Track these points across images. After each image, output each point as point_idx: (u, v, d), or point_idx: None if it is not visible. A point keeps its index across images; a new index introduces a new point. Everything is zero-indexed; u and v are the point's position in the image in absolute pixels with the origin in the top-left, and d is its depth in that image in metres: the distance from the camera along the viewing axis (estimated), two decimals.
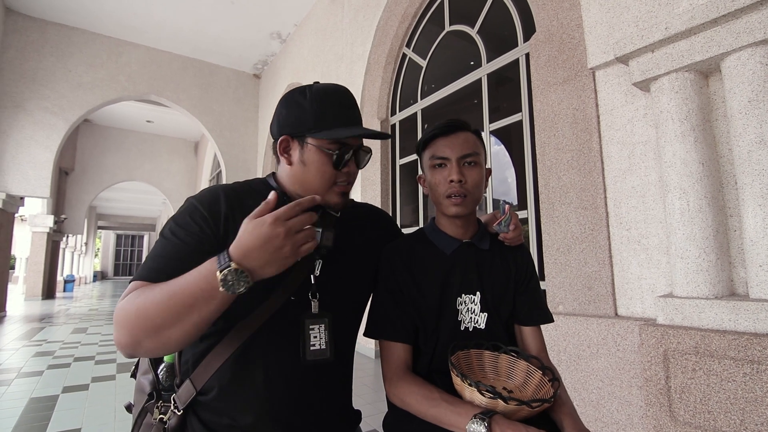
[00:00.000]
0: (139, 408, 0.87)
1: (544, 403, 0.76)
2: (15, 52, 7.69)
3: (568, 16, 2.87)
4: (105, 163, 13.74)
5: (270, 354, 0.82)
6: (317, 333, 0.83)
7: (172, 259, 0.74)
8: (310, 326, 0.83)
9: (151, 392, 0.87)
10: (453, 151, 0.98)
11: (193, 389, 0.81)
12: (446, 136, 1.01)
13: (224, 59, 9.61)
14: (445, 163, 0.99)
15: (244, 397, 0.81)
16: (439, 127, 1.02)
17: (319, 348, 0.82)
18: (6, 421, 3.00)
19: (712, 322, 1.94)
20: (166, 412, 0.82)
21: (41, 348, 5.63)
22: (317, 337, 0.83)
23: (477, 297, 1.01)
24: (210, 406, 0.82)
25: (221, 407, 0.81)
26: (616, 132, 2.58)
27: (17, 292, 16.90)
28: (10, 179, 7.54)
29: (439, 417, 0.80)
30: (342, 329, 0.90)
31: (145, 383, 0.88)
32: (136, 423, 0.86)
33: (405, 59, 5.38)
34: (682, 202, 2.09)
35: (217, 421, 0.81)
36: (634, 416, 2.30)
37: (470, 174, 0.98)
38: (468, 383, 0.78)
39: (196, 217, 0.80)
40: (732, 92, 1.97)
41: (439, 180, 1.00)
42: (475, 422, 0.73)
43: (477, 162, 1.00)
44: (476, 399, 0.78)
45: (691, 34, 2.09)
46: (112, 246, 31.34)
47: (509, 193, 3.98)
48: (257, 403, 0.81)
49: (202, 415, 0.82)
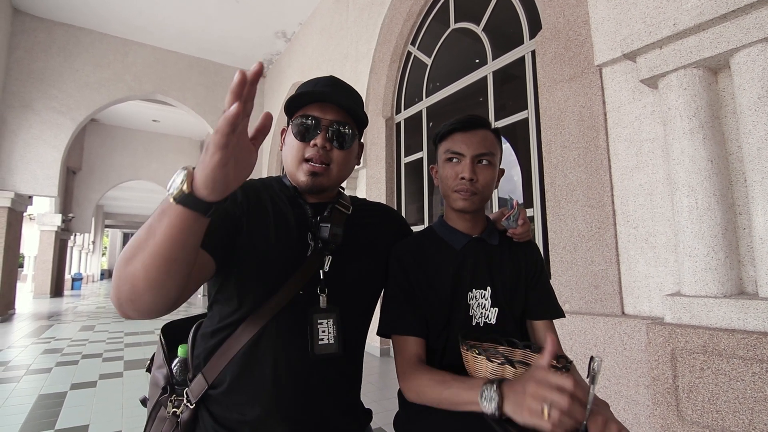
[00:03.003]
0: (153, 402, 0.88)
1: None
2: (23, 53, 7.77)
3: (574, 12, 2.85)
4: (112, 163, 13.84)
5: (279, 348, 0.82)
6: (325, 327, 0.83)
7: None
8: (319, 321, 0.83)
9: (165, 386, 0.87)
10: (469, 148, 0.97)
11: (205, 383, 0.82)
12: (465, 131, 0.99)
13: (229, 58, 9.64)
14: (459, 158, 0.98)
15: (253, 390, 0.81)
16: (459, 121, 1.00)
17: (327, 342, 0.83)
18: (15, 417, 3.03)
19: (720, 320, 1.92)
20: (179, 405, 0.83)
21: (50, 345, 5.69)
22: (325, 332, 0.83)
23: (488, 292, 1.00)
24: (220, 400, 0.82)
25: (231, 401, 0.82)
26: (623, 129, 2.56)
27: (26, 290, 17.07)
28: (19, 178, 7.61)
29: (453, 396, 0.79)
30: (351, 325, 0.89)
31: (160, 377, 0.89)
32: (151, 416, 0.87)
33: (410, 57, 5.37)
34: (690, 200, 2.07)
35: (227, 416, 0.81)
36: (641, 415, 2.28)
37: (482, 173, 0.98)
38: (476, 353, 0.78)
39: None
40: (741, 88, 1.95)
41: (450, 174, 0.99)
42: (486, 388, 0.72)
43: (491, 162, 0.99)
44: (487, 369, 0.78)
45: (699, 30, 2.07)
46: (119, 244, 31.61)
47: (515, 191, 3.97)
48: (266, 397, 0.81)
49: (213, 410, 0.83)
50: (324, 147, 0.86)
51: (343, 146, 0.88)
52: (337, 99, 0.86)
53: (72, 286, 16.63)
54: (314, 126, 0.86)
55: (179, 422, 0.82)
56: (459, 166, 0.98)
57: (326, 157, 0.86)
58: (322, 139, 0.85)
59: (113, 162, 13.86)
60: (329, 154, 0.87)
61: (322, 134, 0.85)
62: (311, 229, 0.89)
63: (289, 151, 0.89)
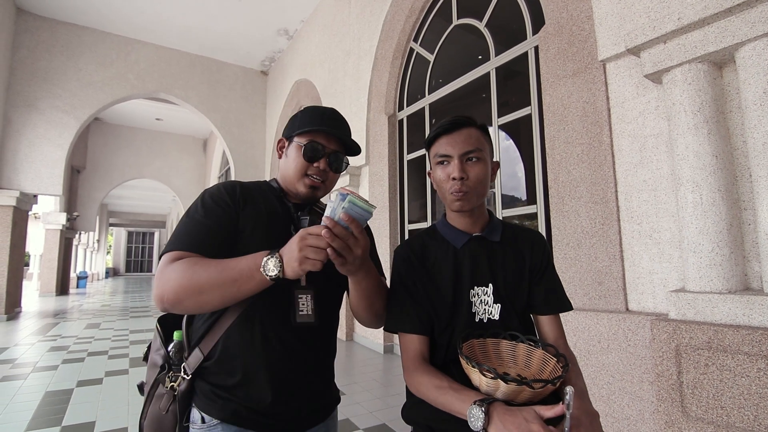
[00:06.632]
0: (151, 381, 1.00)
1: (547, 384, 0.77)
2: (26, 52, 7.80)
3: (578, 7, 2.83)
4: (115, 161, 13.90)
5: (266, 318, 0.97)
6: (305, 301, 1.00)
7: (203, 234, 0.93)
8: (299, 295, 1.00)
9: (162, 364, 1.00)
10: (455, 148, 1.01)
11: (201, 355, 0.96)
12: (449, 133, 1.03)
13: (232, 56, 9.64)
14: (447, 160, 1.02)
15: (246, 355, 0.95)
16: (442, 125, 1.04)
17: (306, 313, 0.99)
18: (23, 414, 3.07)
19: (725, 317, 1.91)
20: (176, 380, 0.97)
21: (56, 343, 5.74)
22: (305, 305, 1.00)
23: (489, 289, 1.03)
24: (214, 370, 0.96)
25: (224, 368, 0.95)
26: (627, 125, 2.55)
27: (32, 288, 17.20)
28: (24, 177, 7.66)
29: (446, 404, 0.85)
30: (325, 300, 1.06)
31: (158, 358, 1.02)
32: (149, 395, 0.99)
33: (412, 54, 5.35)
34: (694, 196, 2.06)
35: (221, 383, 0.95)
36: (645, 411, 2.28)
37: (472, 170, 1.00)
38: (471, 365, 0.81)
39: (218, 201, 0.99)
40: (747, 83, 1.94)
41: (442, 176, 1.03)
42: (474, 407, 0.77)
43: (480, 158, 1.01)
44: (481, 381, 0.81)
45: (704, 24, 2.05)
46: (124, 243, 31.73)
47: (518, 188, 3.95)
48: (256, 359, 0.95)
49: (208, 379, 0.96)
50: (324, 170, 1.06)
51: (337, 170, 1.10)
52: (340, 133, 1.06)
53: (77, 284, 16.72)
54: (319, 151, 1.05)
55: (176, 395, 0.95)
56: (449, 168, 1.02)
57: (324, 176, 1.07)
58: (324, 164, 1.06)
59: (117, 161, 13.92)
60: (326, 174, 1.07)
61: (324, 159, 1.06)
62: (294, 222, 1.07)
63: (293, 165, 1.06)
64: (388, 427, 2.79)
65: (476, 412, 0.76)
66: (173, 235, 0.94)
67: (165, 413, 0.95)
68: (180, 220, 0.98)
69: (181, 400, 0.95)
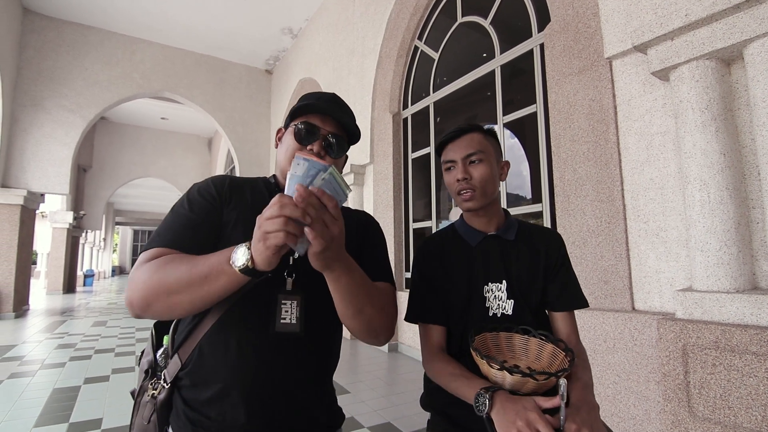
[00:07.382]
0: (138, 389, 0.94)
1: (550, 377, 0.81)
2: (33, 52, 7.85)
3: (584, 4, 2.81)
4: (121, 160, 13.99)
5: (243, 326, 0.87)
6: (289, 308, 0.88)
7: (185, 228, 0.86)
8: (283, 301, 0.88)
9: (147, 369, 0.94)
10: (458, 153, 1.09)
11: (179, 362, 0.88)
12: (453, 141, 1.12)
13: (236, 55, 9.66)
14: (453, 165, 1.11)
15: (219, 365, 0.85)
16: (447, 134, 1.13)
17: (289, 322, 0.88)
18: (31, 411, 3.09)
19: (733, 316, 1.89)
20: (157, 387, 0.89)
21: (63, 340, 5.79)
22: (288, 312, 0.88)
23: (503, 285, 1.09)
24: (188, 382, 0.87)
25: (197, 379, 0.86)
26: (633, 123, 2.53)
27: (39, 286, 17.36)
28: (31, 176, 7.72)
29: (458, 389, 0.94)
30: (315, 309, 0.92)
31: (145, 363, 0.96)
32: (136, 402, 0.92)
33: (417, 52, 5.34)
34: (702, 194, 2.04)
35: (196, 397, 0.86)
36: (652, 411, 2.27)
37: (475, 170, 1.08)
38: (480, 357, 0.87)
39: (205, 194, 0.92)
40: (755, 80, 1.91)
41: (451, 181, 1.12)
42: (480, 394, 0.85)
43: (482, 159, 1.08)
44: (489, 372, 0.88)
45: (712, 21, 2.03)
46: (130, 241, 31.96)
47: (524, 187, 3.94)
48: (229, 372, 0.85)
49: (184, 394, 0.88)
50: (319, 153, 0.93)
51: (335, 155, 0.96)
52: (336, 113, 0.94)
53: (84, 282, 16.85)
54: (313, 133, 0.93)
55: (156, 404, 0.87)
56: (455, 171, 1.10)
57: None
58: (319, 146, 0.93)
59: (123, 159, 14.00)
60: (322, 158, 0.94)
61: (319, 142, 0.93)
62: None
63: (285, 150, 0.96)
64: (393, 426, 2.79)
65: (482, 398, 0.84)
66: (156, 230, 0.87)
67: (147, 423, 0.87)
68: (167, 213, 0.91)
69: (160, 410, 0.87)
